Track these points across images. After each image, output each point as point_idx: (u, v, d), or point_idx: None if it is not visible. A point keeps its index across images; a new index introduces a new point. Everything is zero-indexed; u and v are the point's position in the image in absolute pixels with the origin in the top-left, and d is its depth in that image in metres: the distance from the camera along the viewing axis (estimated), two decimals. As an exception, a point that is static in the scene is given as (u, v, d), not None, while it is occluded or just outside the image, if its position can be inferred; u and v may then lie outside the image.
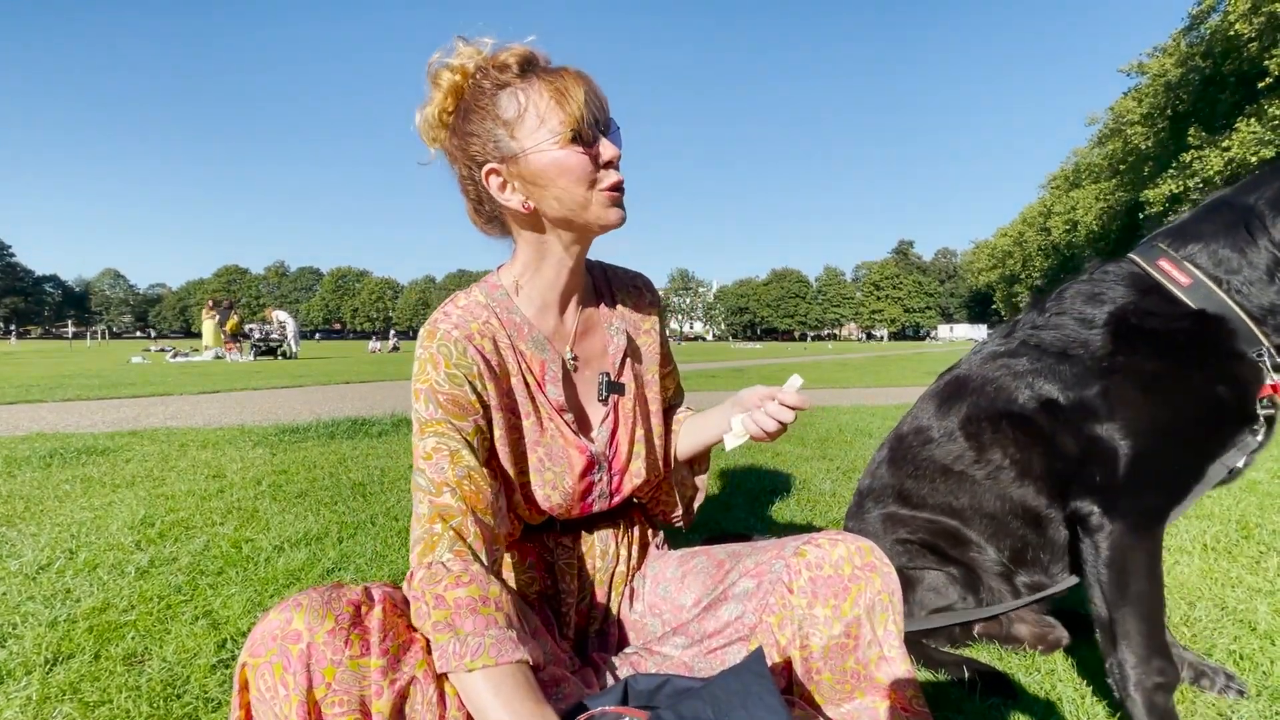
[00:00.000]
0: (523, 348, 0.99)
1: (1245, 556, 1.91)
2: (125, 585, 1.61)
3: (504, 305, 1.00)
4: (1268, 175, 1.06)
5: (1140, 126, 31.11)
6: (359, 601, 0.74)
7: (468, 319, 0.96)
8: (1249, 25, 23.43)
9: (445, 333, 0.93)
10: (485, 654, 0.71)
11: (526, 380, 0.98)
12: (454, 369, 0.91)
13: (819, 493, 2.65)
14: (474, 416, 0.91)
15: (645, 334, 1.14)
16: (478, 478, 0.87)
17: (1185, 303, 1.04)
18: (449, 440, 0.87)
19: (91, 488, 2.61)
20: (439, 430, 0.88)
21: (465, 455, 0.87)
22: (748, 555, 0.99)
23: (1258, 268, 1.01)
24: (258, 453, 3.41)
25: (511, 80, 0.89)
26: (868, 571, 0.86)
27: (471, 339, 0.94)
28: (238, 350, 15.21)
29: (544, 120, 0.88)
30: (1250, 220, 1.02)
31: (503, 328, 0.98)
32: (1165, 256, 1.08)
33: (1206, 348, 1.02)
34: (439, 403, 0.89)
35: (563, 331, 1.03)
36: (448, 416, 0.89)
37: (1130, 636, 1.04)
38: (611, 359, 1.07)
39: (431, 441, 0.87)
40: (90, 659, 1.25)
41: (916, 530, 1.31)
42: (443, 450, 0.86)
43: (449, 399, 0.89)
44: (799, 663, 0.87)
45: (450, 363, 0.91)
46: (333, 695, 0.67)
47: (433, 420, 0.89)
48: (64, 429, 4.19)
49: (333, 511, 2.31)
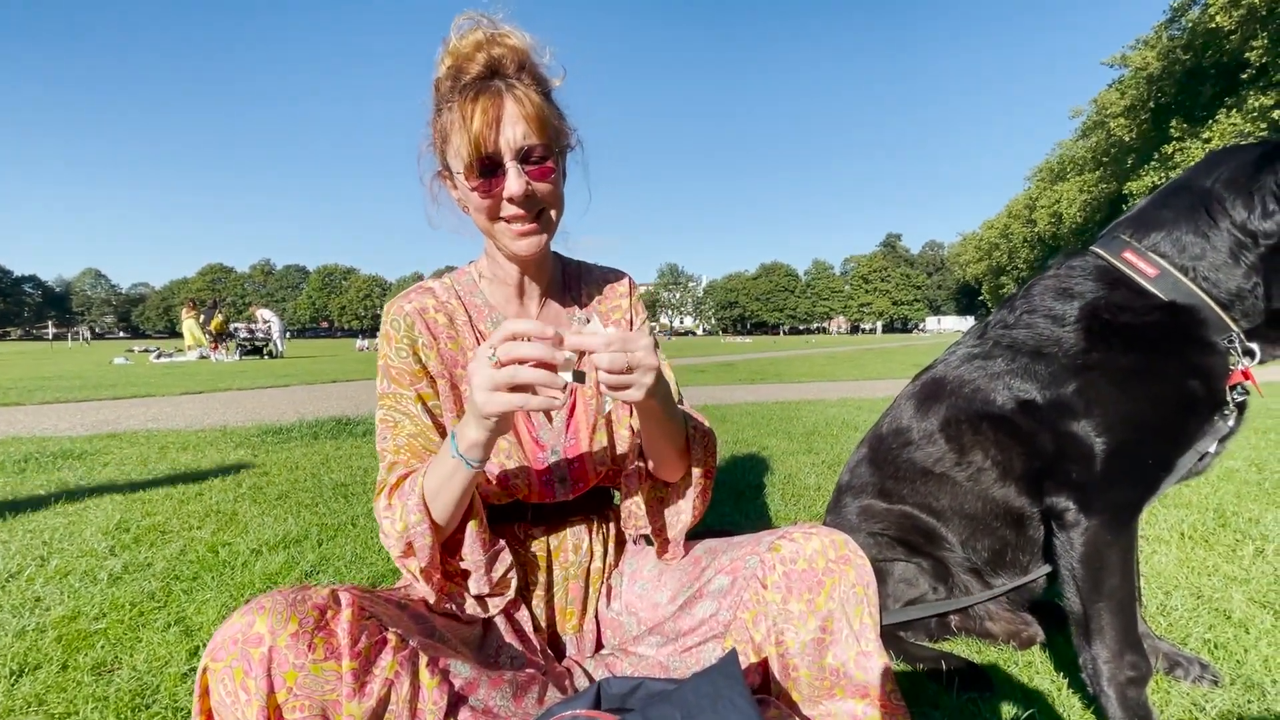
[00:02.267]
0: (484, 328, 1.05)
1: (1222, 545, 1.93)
2: (97, 592, 1.58)
3: (468, 289, 1.07)
4: (1221, 156, 1.05)
5: (1123, 119, 31.40)
6: (325, 605, 0.73)
7: (425, 297, 1.03)
8: (1229, 18, 23.68)
9: (398, 309, 1.01)
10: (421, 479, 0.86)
11: None
12: (400, 342, 0.99)
13: (804, 487, 2.65)
14: (417, 385, 0.99)
15: (613, 324, 1.14)
16: (417, 443, 0.96)
17: (1154, 294, 1.04)
18: (393, 411, 0.98)
19: (66, 492, 2.57)
20: (385, 403, 0.98)
21: (406, 424, 0.97)
22: (724, 551, 0.98)
23: (1221, 251, 1.00)
24: (239, 454, 3.36)
25: (448, 94, 0.89)
26: (842, 564, 0.85)
27: (424, 313, 1.01)
28: (223, 350, 15.02)
29: (458, 149, 0.89)
30: (1209, 203, 1.01)
31: (463, 308, 1.05)
32: (1129, 248, 1.08)
33: (1178, 340, 1.02)
34: (391, 376, 0.99)
35: (522, 317, 1.08)
36: (396, 388, 0.98)
37: (1104, 631, 1.04)
38: None
39: (380, 413, 0.99)
40: (58, 669, 1.23)
41: (891, 525, 1.31)
42: (387, 421, 0.97)
43: (397, 370, 0.99)
44: (775, 660, 0.87)
45: (398, 336, 0.99)
46: (294, 700, 0.66)
47: (384, 394, 0.99)
48: (41, 432, 4.12)
49: (313, 513, 2.28)
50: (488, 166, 0.88)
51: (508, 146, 0.87)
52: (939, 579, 1.28)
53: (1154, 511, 2.23)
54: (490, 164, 0.88)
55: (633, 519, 1.11)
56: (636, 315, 1.19)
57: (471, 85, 0.87)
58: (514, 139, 0.87)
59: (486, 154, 0.87)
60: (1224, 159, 1.04)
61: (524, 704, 0.86)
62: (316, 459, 3.23)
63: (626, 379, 0.80)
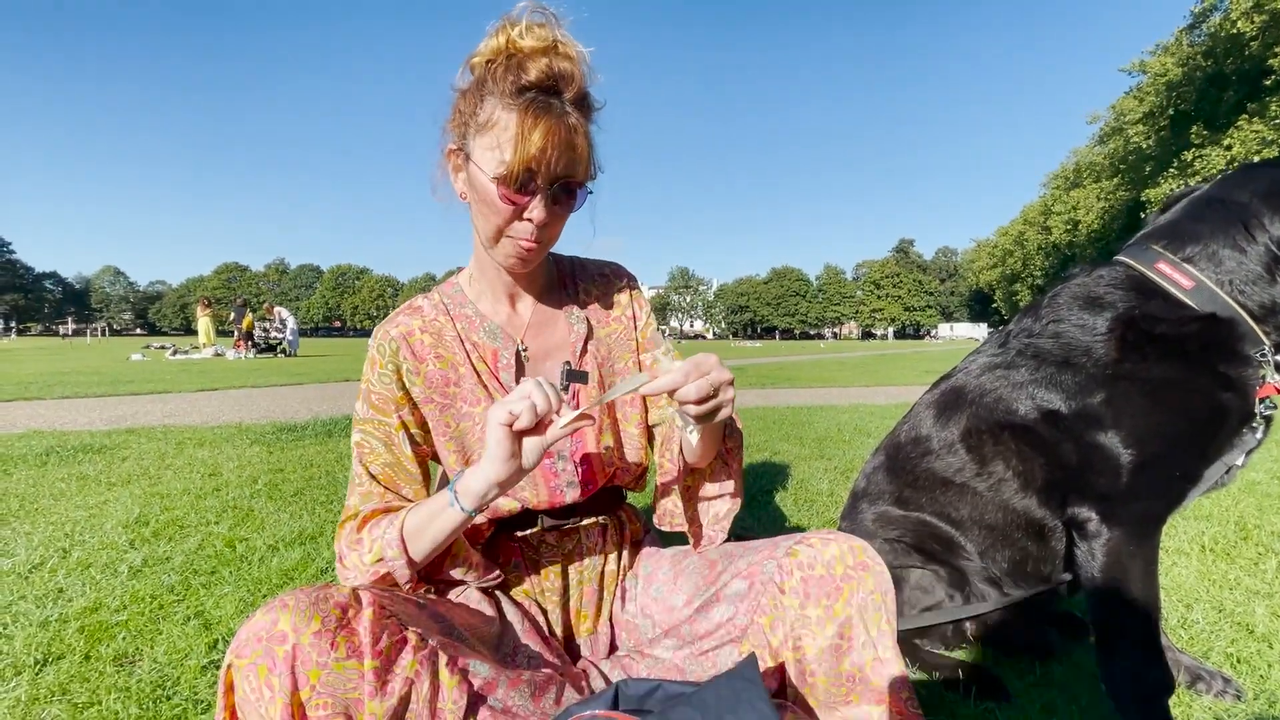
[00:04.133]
0: (476, 339, 1.03)
1: (1244, 558, 1.90)
2: (118, 585, 1.61)
3: (457, 301, 1.06)
4: (1256, 170, 1.05)
5: (1141, 125, 31.05)
6: (346, 604, 0.73)
7: (410, 319, 1.03)
8: (1251, 23, 23.38)
9: (384, 333, 1.00)
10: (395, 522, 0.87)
11: (478, 369, 1.02)
12: (384, 368, 0.98)
13: (816, 492, 2.64)
14: (398, 412, 0.98)
15: (615, 320, 1.13)
16: (392, 472, 0.97)
17: (1191, 306, 1.03)
18: (370, 438, 0.97)
19: (87, 486, 2.61)
20: (365, 429, 0.98)
21: (381, 452, 0.97)
22: (740, 555, 0.98)
23: (1256, 266, 1.00)
24: (254, 451, 3.40)
25: (505, 90, 0.86)
26: (860, 571, 0.84)
27: (409, 336, 1.00)
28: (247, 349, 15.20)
29: (500, 146, 0.86)
30: (1247, 218, 1.01)
31: (452, 322, 1.04)
32: (1162, 259, 1.07)
33: (1215, 352, 1.01)
34: (371, 403, 0.98)
35: (516, 322, 1.06)
36: (375, 414, 0.98)
37: (1126, 643, 1.03)
38: (573, 347, 1.07)
39: (356, 437, 0.98)
40: (81, 659, 1.25)
41: (907, 532, 1.30)
42: (362, 447, 0.97)
43: (379, 398, 0.98)
44: (792, 665, 0.86)
45: (383, 362, 0.98)
46: (317, 698, 0.66)
47: (363, 419, 0.98)
48: (61, 426, 4.19)
49: (328, 511, 2.30)
50: (522, 184, 0.88)
51: (549, 172, 0.87)
52: (955, 587, 1.27)
53: (1174, 523, 2.20)
54: (525, 182, 0.88)
55: (668, 516, 1.11)
56: (640, 309, 1.16)
57: (534, 97, 0.85)
58: (556, 167, 0.87)
59: (528, 173, 0.87)
60: (1259, 173, 1.04)
61: (542, 704, 0.87)
62: (331, 457, 3.26)
63: (715, 401, 0.82)
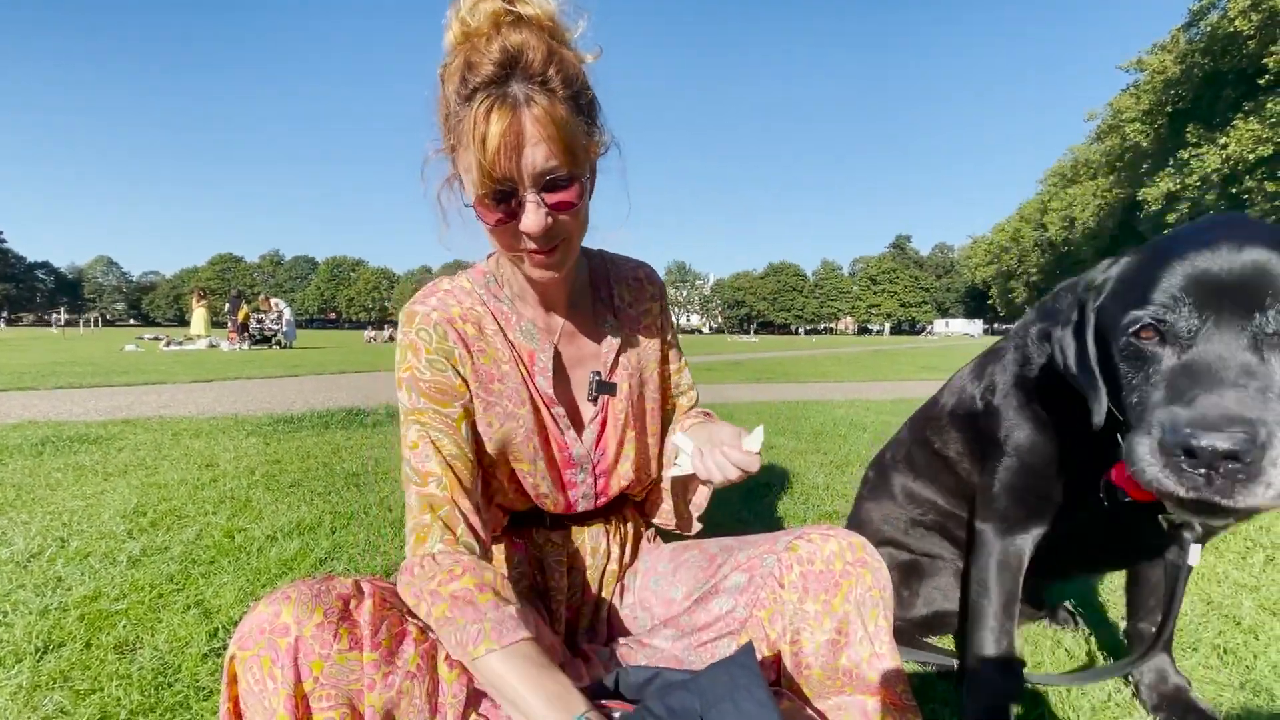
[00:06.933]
0: (513, 336, 0.97)
1: (1231, 552, 1.93)
2: (117, 574, 1.61)
3: (492, 293, 0.98)
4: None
5: (1138, 123, 31.11)
6: (349, 595, 0.73)
7: (449, 303, 0.94)
8: (1248, 22, 23.41)
9: (424, 316, 0.92)
10: (487, 639, 0.72)
11: (520, 369, 0.97)
12: (434, 354, 0.90)
13: (812, 486, 2.66)
14: (460, 401, 0.91)
15: (645, 330, 1.09)
16: (460, 465, 0.87)
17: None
18: (430, 429, 0.87)
19: (84, 476, 2.60)
20: (421, 419, 0.88)
21: (447, 443, 0.87)
22: (739, 549, 0.98)
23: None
24: (251, 442, 3.40)
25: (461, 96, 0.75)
26: (859, 567, 0.85)
27: (453, 323, 0.92)
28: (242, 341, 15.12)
29: (469, 169, 0.77)
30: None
31: (490, 314, 0.96)
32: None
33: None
34: (421, 390, 0.89)
35: (550, 325, 1.00)
36: (431, 404, 0.89)
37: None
38: (604, 358, 1.03)
39: (415, 431, 0.87)
40: (81, 647, 1.25)
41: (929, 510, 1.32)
42: (425, 439, 0.87)
43: (431, 385, 0.89)
44: (789, 657, 0.88)
45: (430, 348, 0.90)
46: (320, 689, 0.67)
47: (415, 409, 0.88)
48: (56, 417, 4.17)
49: (326, 501, 2.30)
50: (502, 195, 0.77)
51: (527, 173, 0.76)
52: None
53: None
54: (505, 192, 0.77)
55: (664, 515, 1.16)
56: (667, 320, 1.13)
57: (484, 90, 0.73)
58: (534, 164, 0.75)
59: (501, 181, 0.76)
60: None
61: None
62: (328, 448, 3.26)
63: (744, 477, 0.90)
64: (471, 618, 0.73)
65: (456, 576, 0.77)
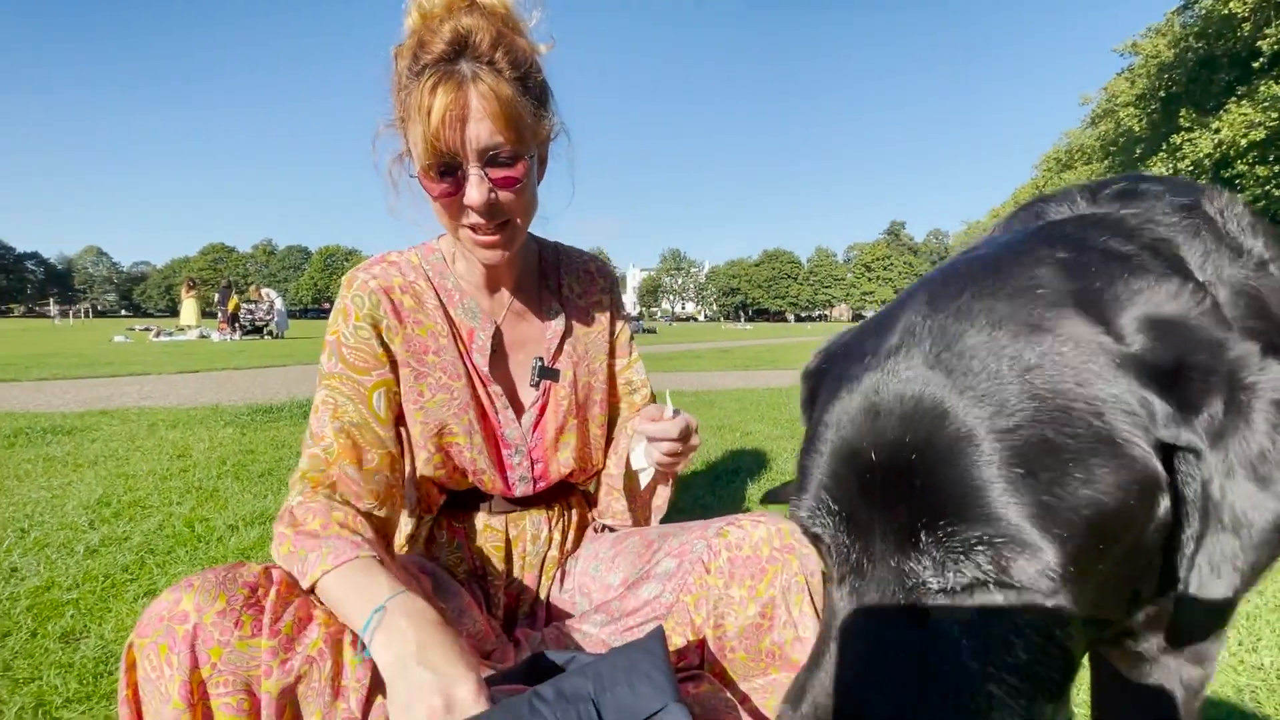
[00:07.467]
0: (454, 313, 0.98)
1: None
2: (73, 564, 1.62)
3: (438, 269, 1.00)
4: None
5: (1133, 108, 30.99)
6: (256, 583, 0.74)
7: (391, 273, 0.96)
8: (1243, 4, 23.28)
9: (362, 283, 0.94)
10: (323, 562, 0.75)
11: (458, 345, 0.98)
12: (362, 321, 0.92)
13: (781, 472, 2.67)
14: (378, 370, 0.92)
15: (593, 322, 1.10)
16: (360, 432, 0.89)
17: None
18: (337, 394, 0.90)
19: (52, 467, 2.60)
20: (330, 384, 0.90)
21: (350, 410, 0.89)
22: (675, 535, 0.99)
23: None
24: (227, 432, 3.39)
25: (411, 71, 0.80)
26: (786, 553, 0.86)
27: (390, 292, 0.94)
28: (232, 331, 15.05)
29: (415, 143, 0.80)
30: None
31: (432, 289, 0.98)
32: None
33: None
34: (340, 355, 0.91)
35: (494, 306, 1.02)
36: (347, 369, 0.90)
37: None
38: (548, 344, 1.05)
39: (321, 394, 0.90)
40: (27, 636, 1.26)
41: None
42: (328, 404, 0.89)
43: (352, 352, 0.91)
44: (712, 641, 0.89)
45: (360, 314, 0.92)
46: (218, 675, 0.67)
47: (330, 374, 0.91)
48: (35, 408, 4.15)
49: (293, 491, 2.31)
50: (447, 167, 0.80)
51: (470, 147, 0.79)
52: None
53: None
54: (449, 165, 0.80)
55: (610, 511, 1.14)
56: (617, 316, 1.14)
57: (433, 68, 0.77)
58: (478, 138, 0.79)
59: (445, 154, 0.79)
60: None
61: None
62: (304, 437, 3.26)
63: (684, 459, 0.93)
64: (311, 547, 0.76)
65: (309, 519, 0.80)
